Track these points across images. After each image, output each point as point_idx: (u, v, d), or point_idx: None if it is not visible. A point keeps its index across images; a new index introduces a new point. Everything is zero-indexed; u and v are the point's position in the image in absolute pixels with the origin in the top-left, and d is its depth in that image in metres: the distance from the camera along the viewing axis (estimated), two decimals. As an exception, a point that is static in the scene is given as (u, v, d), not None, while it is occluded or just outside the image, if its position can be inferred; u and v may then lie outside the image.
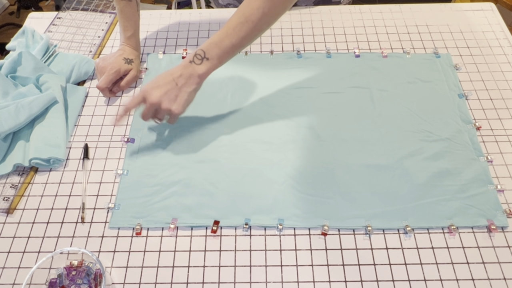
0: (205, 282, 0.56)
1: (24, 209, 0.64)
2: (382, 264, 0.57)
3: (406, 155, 0.67)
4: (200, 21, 0.92)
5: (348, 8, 0.93)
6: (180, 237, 0.60)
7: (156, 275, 0.57)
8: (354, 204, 0.62)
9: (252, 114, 0.74)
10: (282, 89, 0.77)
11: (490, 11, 0.92)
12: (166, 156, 0.69)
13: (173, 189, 0.65)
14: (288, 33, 0.88)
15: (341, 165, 0.67)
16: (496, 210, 0.61)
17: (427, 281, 0.55)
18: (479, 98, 0.75)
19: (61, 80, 0.76)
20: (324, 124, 0.72)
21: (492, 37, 0.86)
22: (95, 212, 0.63)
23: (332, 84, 0.78)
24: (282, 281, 0.56)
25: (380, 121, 0.72)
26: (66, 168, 0.68)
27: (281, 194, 0.64)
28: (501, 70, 0.80)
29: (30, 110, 0.69)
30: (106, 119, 0.75)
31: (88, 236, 0.61)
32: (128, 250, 0.59)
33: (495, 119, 0.72)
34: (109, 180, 0.66)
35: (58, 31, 0.90)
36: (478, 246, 0.58)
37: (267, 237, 0.60)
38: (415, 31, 0.87)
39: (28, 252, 0.59)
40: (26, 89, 0.73)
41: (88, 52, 0.86)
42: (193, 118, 0.74)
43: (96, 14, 0.94)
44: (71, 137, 0.72)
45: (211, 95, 0.77)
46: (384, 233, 0.60)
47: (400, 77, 0.78)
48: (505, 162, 0.67)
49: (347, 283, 0.56)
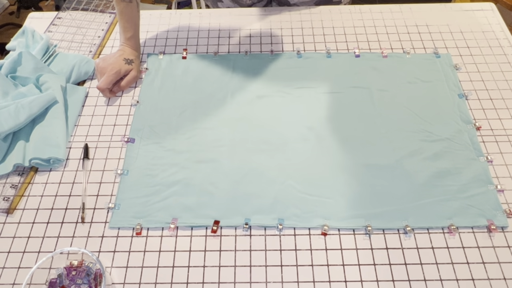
0: (205, 282, 0.56)
1: (24, 209, 0.64)
2: (382, 264, 0.57)
3: (406, 155, 0.67)
4: (200, 21, 0.92)
5: (348, 8, 0.93)
6: (180, 237, 0.60)
7: (156, 275, 0.57)
8: (354, 204, 0.62)
9: (252, 114, 0.74)
10: (282, 89, 0.77)
11: (490, 11, 0.92)
12: (166, 156, 0.69)
13: (173, 189, 0.65)
14: (288, 33, 0.88)
15: (341, 165, 0.67)
16: (496, 210, 0.61)
17: (427, 281, 0.55)
18: (479, 98, 0.75)
19: (61, 80, 0.76)
20: (324, 124, 0.72)
21: (492, 37, 0.86)
22: (95, 212, 0.63)
23: (332, 84, 0.78)
24: (282, 281, 0.56)
25: (380, 121, 0.72)
26: (66, 168, 0.68)
27: (281, 194, 0.64)
28: (501, 70, 0.80)
29: (30, 110, 0.69)
30: (106, 119, 0.75)
31: (88, 236, 0.61)
32: (128, 250, 0.59)
33: (495, 119, 0.72)
34: (109, 180, 0.66)
35: (58, 31, 0.90)
36: (478, 246, 0.58)
37: (267, 237, 0.60)
38: (415, 31, 0.87)
39: (28, 252, 0.59)
40: (26, 89, 0.73)
41: (88, 52, 0.86)
42: (193, 118, 0.74)
43: (96, 14, 0.94)
44: (71, 137, 0.72)
45: (211, 95, 0.77)
46: (384, 233, 0.60)
47: (400, 77, 0.78)
48: (505, 162, 0.67)
49: (347, 283, 0.56)
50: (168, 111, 0.75)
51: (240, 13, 0.93)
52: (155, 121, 0.73)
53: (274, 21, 0.91)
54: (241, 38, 0.87)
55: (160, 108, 0.75)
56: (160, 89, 0.78)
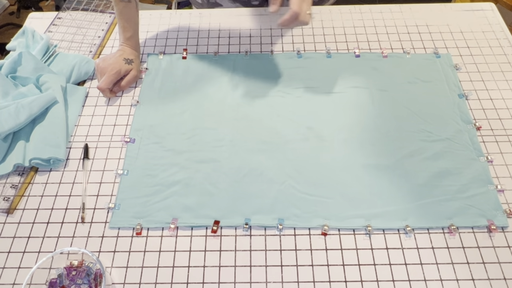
0: (205, 282, 0.56)
1: (24, 209, 0.64)
2: (382, 264, 0.57)
3: (406, 155, 0.67)
4: (200, 21, 0.91)
5: (348, 8, 0.93)
6: (180, 237, 0.60)
7: (156, 275, 0.57)
8: (354, 204, 0.62)
9: (252, 114, 0.74)
10: (282, 89, 0.77)
11: (490, 11, 0.92)
12: (166, 156, 0.68)
13: (173, 189, 0.65)
14: (288, 33, 0.88)
15: (341, 165, 0.67)
16: (496, 210, 0.61)
17: (427, 281, 0.55)
18: (479, 98, 0.75)
19: (61, 80, 0.76)
20: (324, 124, 0.72)
21: (492, 37, 0.86)
22: (95, 212, 0.63)
23: (332, 84, 0.78)
24: (282, 281, 0.56)
25: (380, 121, 0.72)
26: (66, 168, 0.68)
27: (281, 194, 0.64)
28: (501, 70, 0.80)
29: (30, 110, 0.69)
30: (106, 119, 0.75)
31: (88, 236, 0.61)
32: (128, 250, 0.59)
33: (495, 119, 0.72)
34: (109, 180, 0.66)
35: (58, 31, 0.90)
36: (479, 246, 0.58)
37: (267, 237, 0.60)
38: (415, 31, 0.87)
39: (28, 252, 0.59)
40: (26, 89, 0.73)
41: (88, 52, 0.86)
42: (193, 118, 0.74)
43: (96, 14, 0.94)
44: (71, 137, 0.72)
45: (211, 95, 0.77)
46: (384, 234, 0.60)
47: (400, 77, 0.78)
48: (505, 162, 0.67)
49: (347, 283, 0.56)
50: (168, 111, 0.75)
51: (240, 13, 0.93)
52: (155, 121, 0.73)
53: (274, 21, 0.91)
54: (241, 38, 0.87)
55: (161, 108, 0.75)
56: (160, 89, 0.78)
